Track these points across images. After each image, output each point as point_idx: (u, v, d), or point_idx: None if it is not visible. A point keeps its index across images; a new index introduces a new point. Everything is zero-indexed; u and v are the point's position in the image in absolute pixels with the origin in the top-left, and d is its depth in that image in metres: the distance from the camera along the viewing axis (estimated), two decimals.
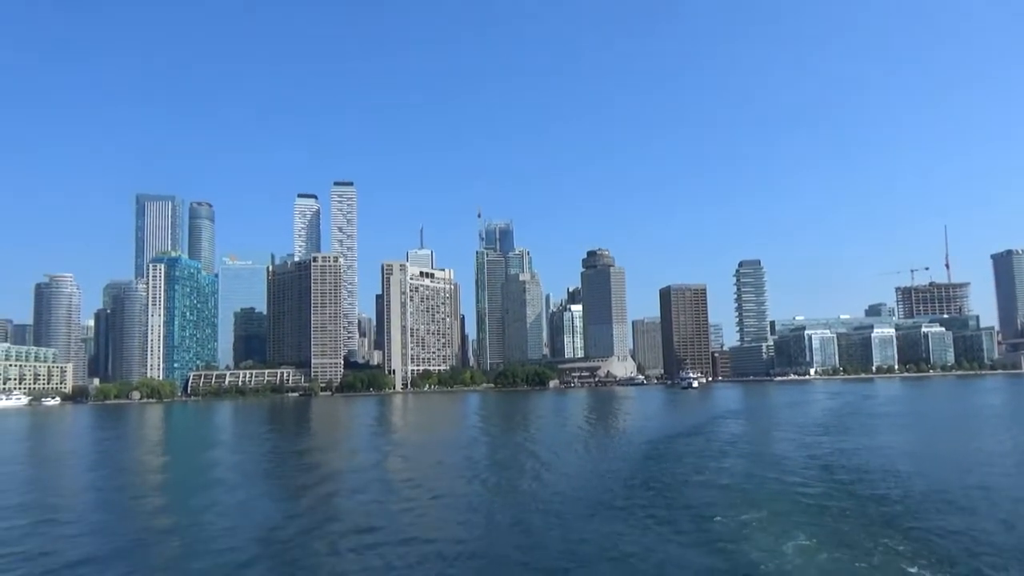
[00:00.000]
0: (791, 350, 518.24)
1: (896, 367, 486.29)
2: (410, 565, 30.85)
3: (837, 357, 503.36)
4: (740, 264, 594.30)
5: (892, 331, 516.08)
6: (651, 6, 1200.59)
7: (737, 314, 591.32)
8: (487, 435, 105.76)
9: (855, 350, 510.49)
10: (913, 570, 27.27)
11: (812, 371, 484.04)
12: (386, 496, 48.97)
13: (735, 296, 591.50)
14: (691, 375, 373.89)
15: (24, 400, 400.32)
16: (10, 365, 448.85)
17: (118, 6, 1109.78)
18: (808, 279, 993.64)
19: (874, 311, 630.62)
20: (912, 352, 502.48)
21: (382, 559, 31.80)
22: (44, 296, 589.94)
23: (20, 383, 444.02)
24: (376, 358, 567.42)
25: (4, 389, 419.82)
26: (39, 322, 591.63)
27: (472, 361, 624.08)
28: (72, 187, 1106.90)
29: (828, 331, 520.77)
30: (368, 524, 39.18)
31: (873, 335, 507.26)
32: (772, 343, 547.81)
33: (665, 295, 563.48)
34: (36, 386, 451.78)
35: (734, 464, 59.52)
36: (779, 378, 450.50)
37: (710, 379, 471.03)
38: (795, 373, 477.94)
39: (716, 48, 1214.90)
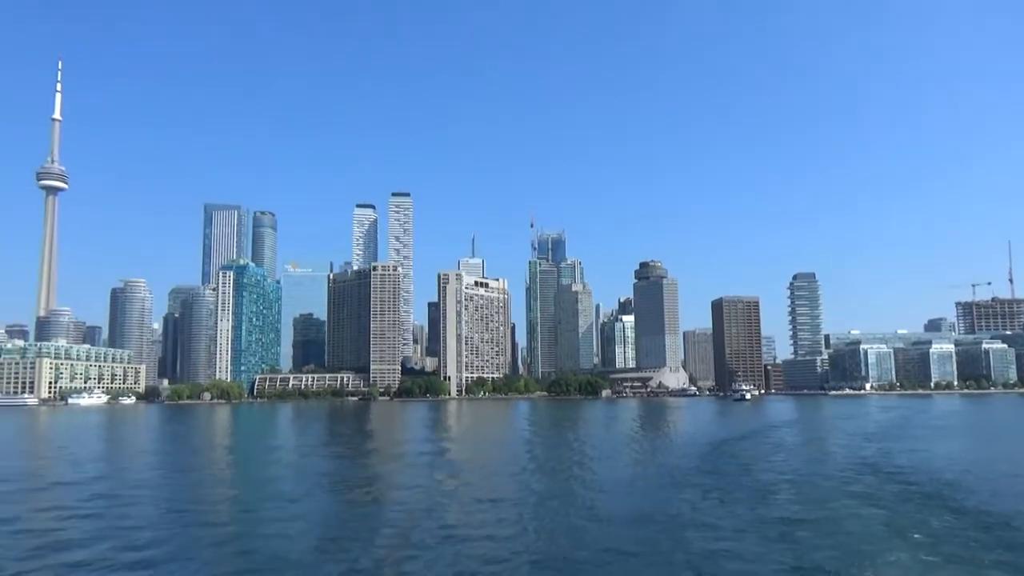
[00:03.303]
0: (846, 364, 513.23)
1: (955, 383, 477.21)
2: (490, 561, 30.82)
3: (894, 372, 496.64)
4: (795, 277, 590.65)
5: (952, 347, 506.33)
6: (715, 28, 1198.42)
7: (791, 327, 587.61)
8: (553, 436, 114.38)
9: (913, 365, 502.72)
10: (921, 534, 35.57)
11: (868, 386, 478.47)
12: (455, 496, 48.74)
13: (789, 309, 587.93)
14: (744, 387, 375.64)
15: (104, 398, 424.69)
16: (91, 365, 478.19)
17: (187, 26, 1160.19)
18: (865, 293, 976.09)
19: (934, 326, 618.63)
20: (972, 368, 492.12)
21: (451, 558, 31.34)
22: (119, 300, 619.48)
23: (99, 382, 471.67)
24: (429, 364, 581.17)
25: (86, 387, 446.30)
26: (114, 325, 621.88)
27: (522, 369, 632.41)
28: (146, 197, 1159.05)
29: (885, 346, 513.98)
30: (445, 521, 39.60)
31: (932, 350, 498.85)
32: (827, 357, 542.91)
33: (717, 307, 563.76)
34: (113, 385, 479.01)
35: (786, 459, 67.85)
36: (834, 392, 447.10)
37: (763, 392, 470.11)
38: (850, 388, 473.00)
39: (778, 66, 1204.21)
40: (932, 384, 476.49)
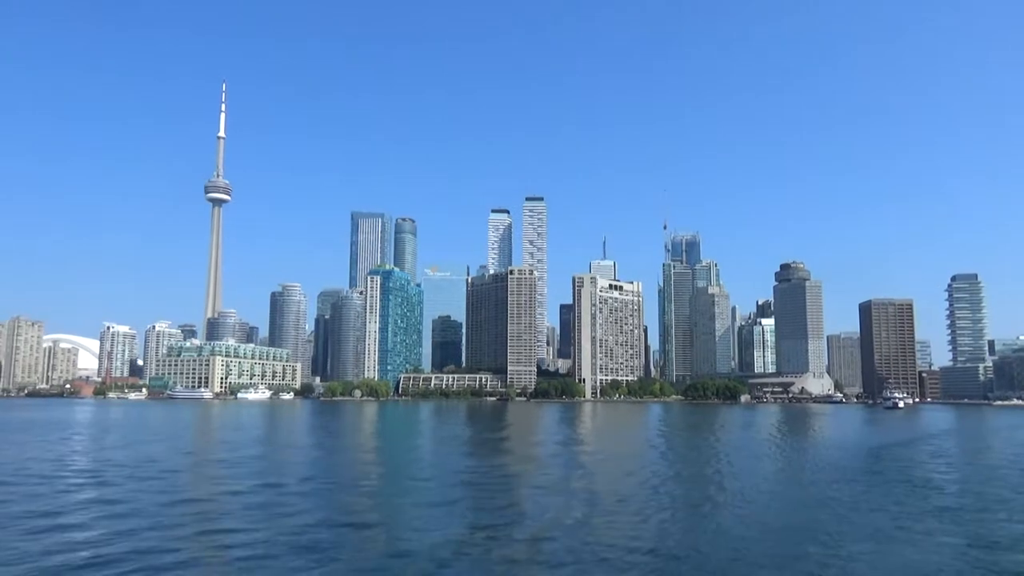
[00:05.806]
0: (1014, 372, 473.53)
1: None
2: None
3: None
4: (953, 278, 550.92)
5: None
6: (863, 27, 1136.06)
7: (949, 332, 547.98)
8: (696, 439, 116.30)
9: None
10: None
11: None
12: (598, 497, 48.05)
13: (947, 312, 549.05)
14: (896, 395, 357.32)
15: (267, 394, 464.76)
16: (255, 363, 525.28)
17: (329, 26, 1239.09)
18: None
19: None
20: None
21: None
22: (278, 303, 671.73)
23: (262, 378, 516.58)
24: (561, 366, 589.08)
25: (251, 383, 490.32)
26: (272, 325, 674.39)
27: (654, 372, 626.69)
28: (298, 208, 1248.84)
29: None
30: (586, 522, 38.83)
31: None
32: (991, 364, 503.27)
33: (865, 310, 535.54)
34: (274, 382, 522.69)
35: (949, 462, 69.04)
36: (999, 402, 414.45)
37: (917, 400, 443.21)
38: (1018, 398, 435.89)
39: (932, 65, 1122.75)
40: None
